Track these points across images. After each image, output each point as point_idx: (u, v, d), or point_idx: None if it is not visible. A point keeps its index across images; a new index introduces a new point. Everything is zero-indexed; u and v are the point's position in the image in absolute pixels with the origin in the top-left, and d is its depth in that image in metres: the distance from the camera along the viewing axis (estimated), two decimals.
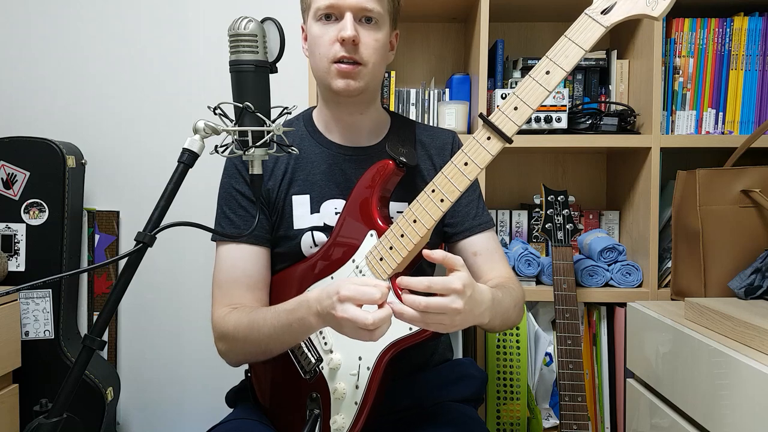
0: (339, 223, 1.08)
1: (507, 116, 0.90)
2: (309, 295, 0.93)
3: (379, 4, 1.04)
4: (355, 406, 0.97)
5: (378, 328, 0.83)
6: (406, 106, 1.69)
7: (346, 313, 0.84)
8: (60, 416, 0.71)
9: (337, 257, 1.06)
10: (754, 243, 1.31)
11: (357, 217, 1.05)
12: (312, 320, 0.92)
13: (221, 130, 0.81)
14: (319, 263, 1.08)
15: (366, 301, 0.84)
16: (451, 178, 0.94)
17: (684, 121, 1.62)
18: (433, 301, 0.82)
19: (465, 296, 0.83)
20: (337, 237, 1.07)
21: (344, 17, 1.01)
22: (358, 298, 0.84)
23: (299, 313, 0.94)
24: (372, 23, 1.04)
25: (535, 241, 1.73)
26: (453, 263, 0.86)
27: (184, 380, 1.99)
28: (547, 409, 1.54)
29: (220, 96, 0.90)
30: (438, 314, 0.83)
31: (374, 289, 0.85)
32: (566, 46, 0.88)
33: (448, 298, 0.83)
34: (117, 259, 0.75)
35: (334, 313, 0.86)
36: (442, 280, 0.83)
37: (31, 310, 1.75)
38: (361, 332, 0.84)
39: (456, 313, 0.83)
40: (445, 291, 0.83)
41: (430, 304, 0.82)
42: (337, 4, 1.02)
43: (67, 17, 1.93)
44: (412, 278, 0.85)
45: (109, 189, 1.96)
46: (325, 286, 0.92)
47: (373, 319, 0.82)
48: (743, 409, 0.93)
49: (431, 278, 0.84)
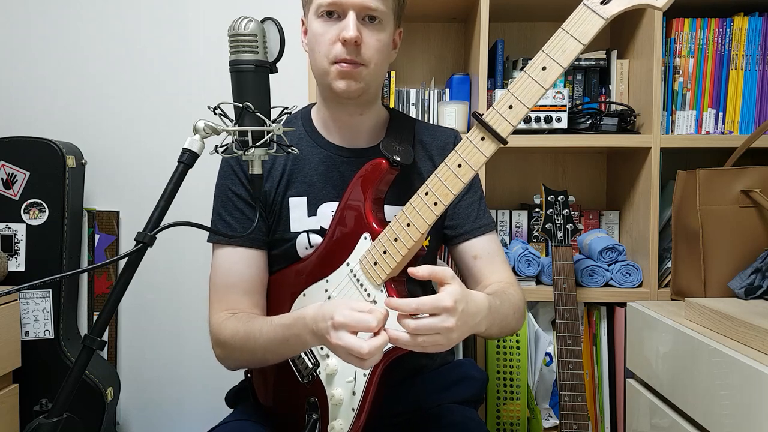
0: (332, 225, 1.06)
1: (501, 115, 0.85)
2: (306, 312, 0.91)
3: (384, 3, 1.00)
4: (352, 413, 0.95)
5: (372, 357, 0.80)
6: (406, 106, 1.69)
7: (341, 341, 0.81)
8: (60, 416, 0.71)
9: (332, 260, 1.03)
10: (754, 243, 1.31)
11: (350, 220, 1.03)
12: (307, 338, 0.91)
13: (221, 130, 0.81)
14: (313, 266, 1.06)
15: (361, 329, 0.81)
16: (444, 181, 0.89)
17: (684, 121, 1.62)
18: (423, 323, 0.79)
19: (457, 312, 0.80)
20: (331, 239, 1.05)
21: (347, 16, 0.98)
22: (353, 325, 0.81)
23: (295, 330, 0.92)
24: (375, 22, 1.00)
25: (535, 241, 1.73)
26: (442, 277, 0.82)
27: (184, 380, 1.99)
28: (547, 409, 1.54)
29: (220, 96, 0.90)
30: (431, 335, 0.80)
31: (370, 316, 0.81)
32: (563, 40, 0.82)
33: (438, 317, 0.79)
34: (117, 259, 0.75)
35: (328, 338, 0.83)
36: (431, 301, 0.79)
37: (31, 310, 1.75)
38: (354, 359, 0.82)
39: (449, 332, 0.80)
40: (435, 311, 0.79)
41: (418, 327, 0.79)
42: (340, 2, 0.98)
43: (67, 17, 1.93)
44: (401, 300, 0.81)
45: (109, 189, 1.96)
46: (322, 305, 0.89)
47: (369, 348, 0.79)
48: (743, 409, 0.93)
49: (419, 300, 0.79)
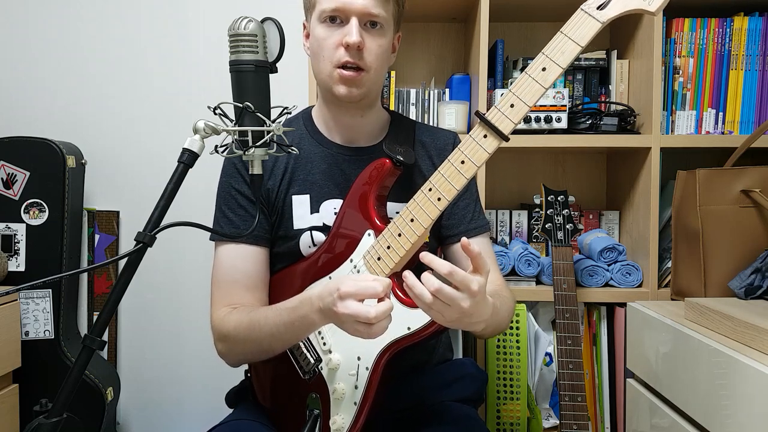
0: (336, 223, 1.08)
1: (503, 114, 0.89)
2: (311, 292, 0.93)
3: (385, 10, 1.04)
4: (354, 407, 0.97)
5: (379, 322, 0.82)
6: (406, 106, 1.69)
7: (348, 309, 0.83)
8: (60, 416, 0.71)
9: (335, 257, 1.06)
10: (754, 243, 1.31)
11: (354, 217, 1.05)
12: (314, 317, 0.92)
13: (221, 130, 0.81)
14: (317, 263, 1.08)
15: (368, 296, 0.83)
16: (448, 177, 0.93)
17: (684, 121, 1.62)
18: (447, 290, 0.79)
19: (475, 300, 0.81)
20: (335, 237, 1.07)
21: (350, 22, 1.01)
22: (360, 293, 0.83)
23: (301, 311, 0.94)
24: (377, 28, 1.04)
25: (535, 241, 1.73)
26: (482, 265, 0.82)
27: (184, 380, 1.99)
28: (547, 409, 1.54)
29: (220, 96, 0.90)
30: (444, 304, 0.81)
31: (375, 282, 0.84)
32: (562, 42, 0.87)
33: (460, 293, 0.80)
34: (117, 259, 0.75)
35: (335, 309, 0.85)
36: (463, 274, 0.80)
37: (31, 310, 1.75)
38: (361, 328, 0.83)
39: (459, 311, 0.81)
40: (462, 286, 0.80)
41: (442, 290, 0.79)
42: (343, 8, 1.01)
43: (67, 17, 1.93)
44: (438, 259, 0.81)
45: (109, 189, 1.96)
46: (327, 283, 0.91)
47: (375, 312, 0.81)
48: (743, 409, 0.93)
49: (454, 267, 0.80)
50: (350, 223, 1.06)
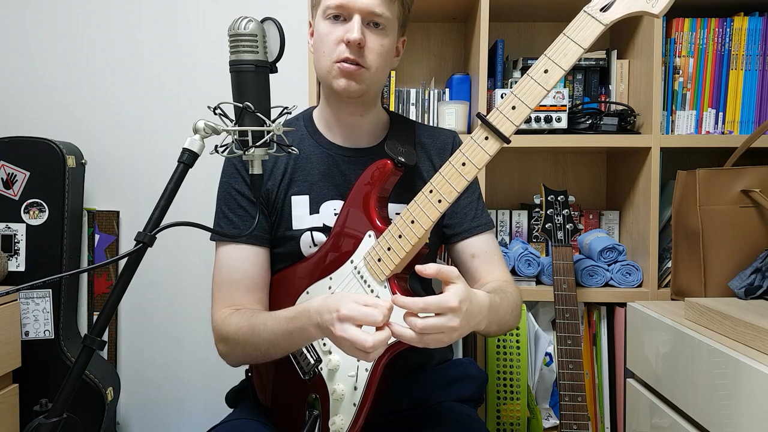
0: (337, 224, 1.08)
1: (505, 116, 0.89)
2: (310, 305, 0.92)
3: (389, 10, 1.03)
4: (353, 408, 0.97)
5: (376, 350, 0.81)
6: (406, 106, 1.69)
7: (345, 333, 0.82)
8: (60, 416, 0.71)
9: (336, 258, 1.06)
10: (754, 243, 1.31)
11: (355, 218, 1.05)
12: (312, 330, 0.91)
13: (221, 130, 0.81)
14: (317, 263, 1.08)
15: (367, 323, 0.82)
16: (448, 179, 0.92)
17: (684, 121, 1.62)
18: (429, 322, 0.80)
19: (461, 312, 0.81)
20: (336, 237, 1.07)
21: (352, 19, 1.01)
22: (359, 319, 0.82)
23: (299, 323, 0.93)
24: (380, 28, 1.04)
25: (535, 241, 1.73)
26: (448, 275, 0.83)
27: (184, 380, 1.99)
28: (547, 409, 1.54)
29: (220, 96, 0.90)
30: (437, 332, 0.81)
31: (376, 311, 0.82)
32: (565, 45, 0.86)
33: (444, 317, 0.80)
34: (117, 259, 0.75)
35: (332, 330, 0.84)
36: (437, 300, 0.80)
37: (31, 310, 1.75)
38: (358, 352, 0.83)
39: (453, 330, 0.81)
40: (441, 311, 0.80)
41: (426, 326, 0.80)
42: (346, 5, 1.01)
43: (67, 17, 1.93)
44: (409, 299, 0.82)
45: (109, 189, 1.96)
46: (326, 297, 0.90)
47: (373, 341, 0.80)
48: (743, 409, 0.93)
49: (426, 300, 0.81)
50: (351, 224, 1.06)
